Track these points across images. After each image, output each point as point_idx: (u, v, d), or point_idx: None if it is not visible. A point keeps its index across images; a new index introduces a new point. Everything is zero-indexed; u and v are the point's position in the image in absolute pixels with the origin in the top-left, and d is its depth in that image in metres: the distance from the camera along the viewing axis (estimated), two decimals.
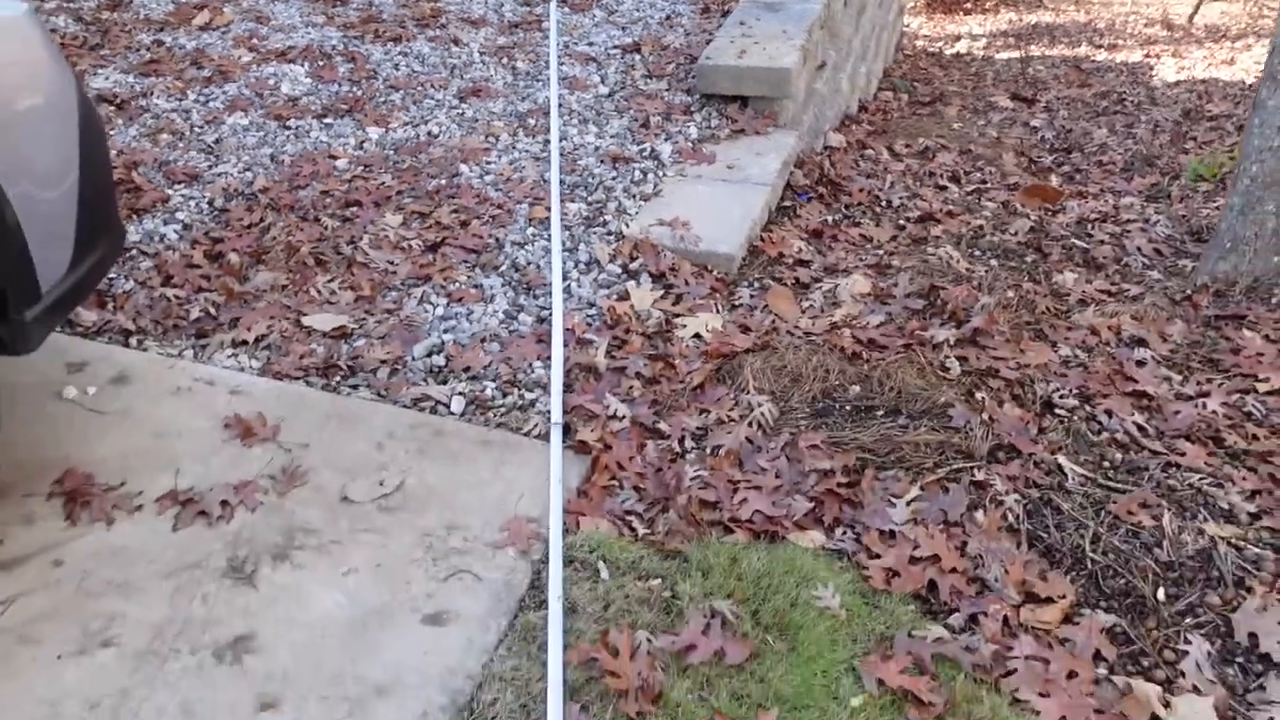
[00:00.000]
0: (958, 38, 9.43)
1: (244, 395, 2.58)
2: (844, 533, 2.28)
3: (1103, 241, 3.92)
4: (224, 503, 2.20)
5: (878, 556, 2.21)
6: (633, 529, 2.24)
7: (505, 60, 4.43)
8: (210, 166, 3.52)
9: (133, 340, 2.80)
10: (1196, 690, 1.95)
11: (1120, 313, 3.24)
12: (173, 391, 2.58)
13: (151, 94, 3.92)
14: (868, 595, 2.12)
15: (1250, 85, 6.93)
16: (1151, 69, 7.69)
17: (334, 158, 3.62)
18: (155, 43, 4.33)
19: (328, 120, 3.87)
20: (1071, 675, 1.95)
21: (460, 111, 4.02)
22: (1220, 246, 3.52)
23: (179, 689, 1.81)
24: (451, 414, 2.54)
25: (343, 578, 2.07)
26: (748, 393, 2.71)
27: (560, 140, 3.82)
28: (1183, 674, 1.99)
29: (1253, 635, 2.06)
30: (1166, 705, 1.91)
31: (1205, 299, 3.38)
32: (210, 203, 3.33)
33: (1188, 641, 2.04)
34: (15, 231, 1.91)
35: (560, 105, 4.08)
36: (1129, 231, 4.02)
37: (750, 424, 2.59)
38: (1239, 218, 3.45)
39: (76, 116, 2.10)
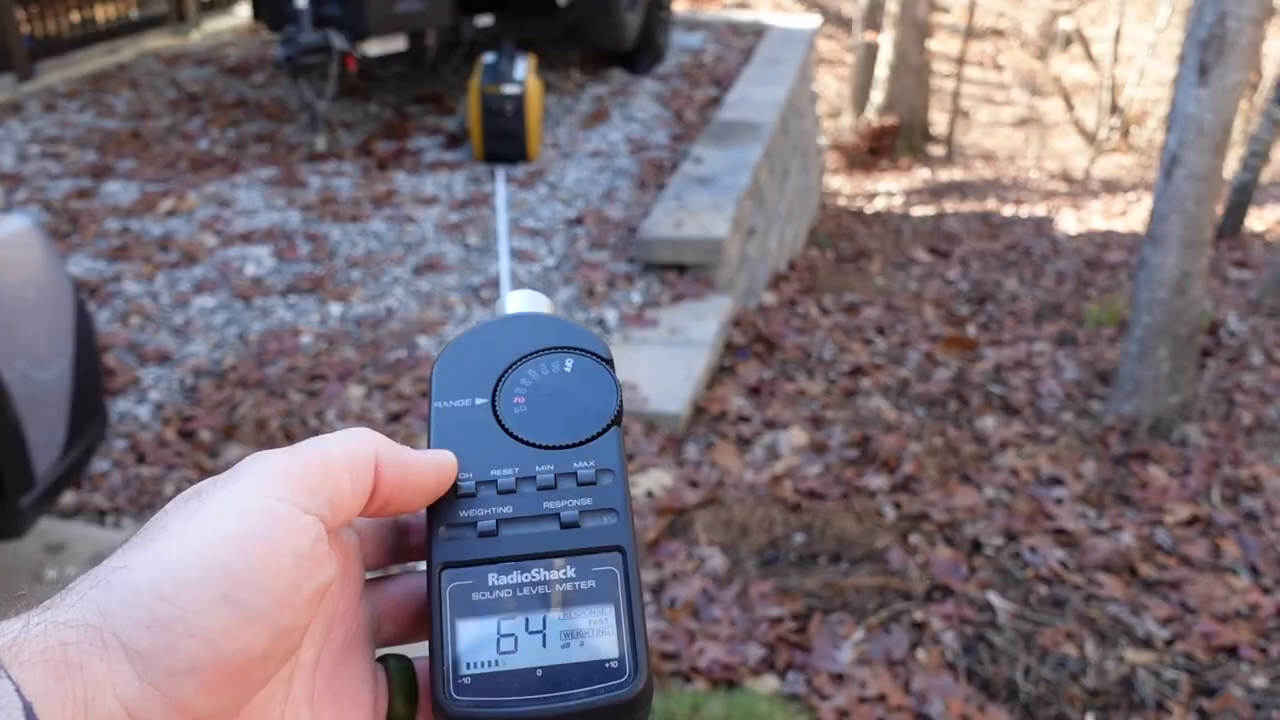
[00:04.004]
0: (876, 195, 10.09)
1: None
2: (796, 676, 2.43)
3: (1018, 387, 4.24)
4: None
5: (828, 698, 2.36)
6: None
7: (457, 235, 4.73)
8: (180, 346, 3.70)
9: (109, 519, 2.90)
10: None
11: (1037, 454, 3.52)
12: None
13: (121, 278, 4.12)
14: None
15: (1142, 235, 7.52)
16: (1054, 221, 8.32)
17: (298, 334, 3.83)
18: (123, 229, 4.56)
19: (291, 298, 4.09)
20: None
21: (416, 286, 4.27)
22: (1123, 389, 3.85)
23: None
24: None
25: None
26: (699, 546, 2.89)
27: None
28: None
29: None
30: None
31: (1113, 438, 3.68)
32: (181, 382, 3.50)
33: None
34: (11, 416, 2.07)
35: (510, 277, 4.36)
36: (1041, 377, 4.35)
37: (703, 576, 2.76)
38: (1137, 363, 3.80)
39: (72, 311, 2.31)
